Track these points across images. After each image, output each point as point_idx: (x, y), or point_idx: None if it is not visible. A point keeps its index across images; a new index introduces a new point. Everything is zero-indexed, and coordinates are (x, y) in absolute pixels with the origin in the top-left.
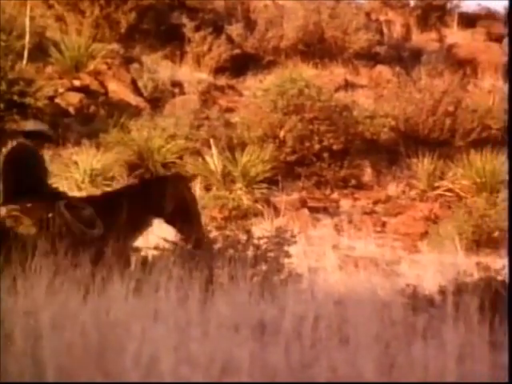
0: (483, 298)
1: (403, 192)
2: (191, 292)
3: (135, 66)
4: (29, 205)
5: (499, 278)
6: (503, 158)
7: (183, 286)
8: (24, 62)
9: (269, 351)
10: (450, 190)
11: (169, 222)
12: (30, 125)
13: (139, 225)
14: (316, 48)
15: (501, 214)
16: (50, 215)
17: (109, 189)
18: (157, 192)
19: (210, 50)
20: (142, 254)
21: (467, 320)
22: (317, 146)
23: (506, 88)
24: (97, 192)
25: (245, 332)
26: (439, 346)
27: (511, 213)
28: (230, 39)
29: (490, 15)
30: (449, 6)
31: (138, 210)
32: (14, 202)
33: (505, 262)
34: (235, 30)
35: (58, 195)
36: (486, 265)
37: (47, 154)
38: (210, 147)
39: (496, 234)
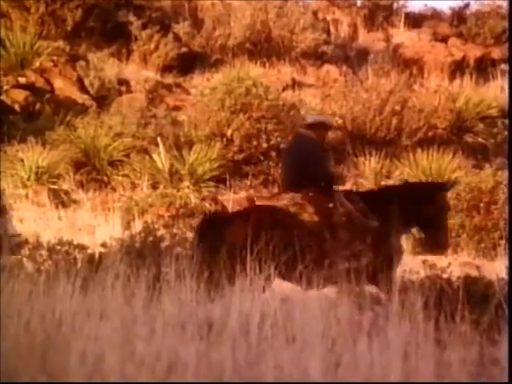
0: (428, 295)
1: None
2: (138, 290)
3: (81, 63)
4: (311, 194)
5: (444, 275)
6: (449, 158)
7: (130, 284)
8: None
9: (215, 349)
10: None
11: (422, 227)
12: (311, 118)
13: (400, 227)
14: (263, 47)
15: None
16: (331, 205)
17: (55, 187)
18: (425, 199)
19: (156, 48)
20: (89, 251)
21: (412, 318)
22: (264, 145)
23: (506, 87)
24: (44, 189)
25: (191, 330)
26: (384, 343)
27: (511, 213)
28: (177, 38)
29: (435, 15)
30: (395, 6)
31: (401, 213)
32: (295, 191)
33: (502, 263)
34: (182, 28)
35: (332, 185)
36: (431, 263)
37: None
38: (157, 145)
39: None
